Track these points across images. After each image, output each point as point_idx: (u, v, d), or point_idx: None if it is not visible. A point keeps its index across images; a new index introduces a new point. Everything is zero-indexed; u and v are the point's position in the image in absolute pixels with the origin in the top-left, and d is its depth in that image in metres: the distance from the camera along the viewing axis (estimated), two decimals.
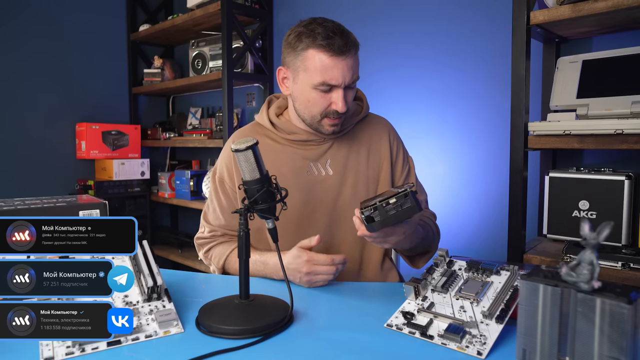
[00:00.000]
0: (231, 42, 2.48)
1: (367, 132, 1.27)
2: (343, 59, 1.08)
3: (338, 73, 1.08)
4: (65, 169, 2.97)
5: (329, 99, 1.12)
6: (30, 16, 2.76)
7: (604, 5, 1.24)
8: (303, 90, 1.13)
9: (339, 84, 1.09)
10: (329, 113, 1.13)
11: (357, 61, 1.13)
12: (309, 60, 1.09)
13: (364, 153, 1.24)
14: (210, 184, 1.28)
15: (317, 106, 1.13)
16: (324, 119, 1.14)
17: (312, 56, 1.09)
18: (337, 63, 1.08)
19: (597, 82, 1.45)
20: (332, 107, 1.12)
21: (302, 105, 1.16)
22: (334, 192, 1.20)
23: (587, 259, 0.60)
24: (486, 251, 1.87)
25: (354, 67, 1.11)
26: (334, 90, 1.11)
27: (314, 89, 1.11)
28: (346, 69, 1.09)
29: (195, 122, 3.10)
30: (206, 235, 1.26)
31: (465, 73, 1.92)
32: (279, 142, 1.23)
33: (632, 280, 1.20)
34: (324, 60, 1.08)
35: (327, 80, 1.08)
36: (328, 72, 1.08)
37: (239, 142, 0.86)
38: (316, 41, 1.07)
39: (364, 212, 0.92)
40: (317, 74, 1.09)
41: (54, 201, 1.10)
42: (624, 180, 1.34)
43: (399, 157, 1.29)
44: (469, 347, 0.74)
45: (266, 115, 1.25)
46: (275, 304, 0.90)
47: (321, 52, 1.08)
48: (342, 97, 1.10)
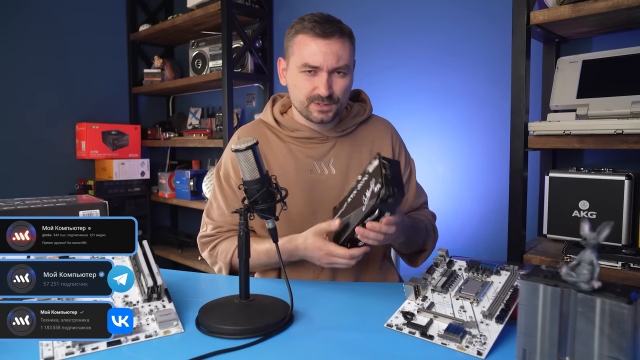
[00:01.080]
0: (231, 42, 2.48)
1: (369, 133, 1.28)
2: (326, 42, 1.11)
3: (320, 55, 1.11)
4: (65, 169, 2.97)
5: (313, 83, 1.14)
6: (30, 16, 2.76)
7: (604, 5, 1.24)
8: (291, 75, 1.17)
9: (320, 65, 1.11)
10: (314, 97, 1.15)
11: (347, 49, 1.14)
12: (296, 45, 1.15)
13: (366, 153, 1.25)
14: (214, 181, 1.27)
15: (302, 90, 1.15)
16: (311, 104, 1.16)
17: (299, 41, 1.14)
18: (320, 45, 1.11)
19: (597, 82, 1.45)
20: (315, 91, 1.14)
21: (291, 92, 1.20)
22: (337, 191, 1.21)
23: (587, 259, 0.60)
24: (486, 251, 1.87)
25: (341, 52, 1.12)
26: (318, 74, 1.13)
27: (300, 72, 1.14)
28: (329, 53, 1.11)
29: (195, 122, 3.10)
30: (210, 232, 1.25)
31: (465, 73, 1.92)
32: (283, 139, 1.24)
33: (632, 280, 1.20)
34: (308, 42, 1.12)
35: (309, 61, 1.11)
36: (311, 54, 1.11)
37: (239, 142, 0.86)
38: (303, 25, 1.13)
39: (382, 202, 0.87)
40: (301, 56, 1.13)
41: (54, 201, 1.10)
42: (624, 180, 1.34)
43: (401, 159, 1.29)
44: (469, 347, 0.74)
45: (270, 113, 1.26)
46: (275, 304, 0.90)
47: (305, 35, 1.12)
48: (325, 80, 1.12)
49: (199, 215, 3.30)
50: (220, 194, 1.25)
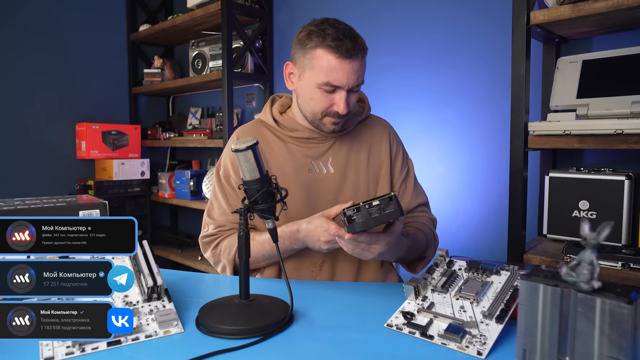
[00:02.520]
0: (231, 42, 2.48)
1: (367, 132, 1.28)
2: (349, 62, 1.09)
3: (343, 75, 1.09)
4: (65, 169, 2.97)
5: (331, 99, 1.13)
6: (29, 15, 2.76)
7: (604, 5, 1.24)
8: (307, 88, 1.15)
9: (342, 86, 1.11)
10: (330, 113, 1.15)
11: (364, 66, 1.14)
12: (316, 59, 1.11)
13: (364, 153, 1.25)
14: (214, 181, 1.27)
15: (319, 105, 1.14)
16: (325, 117, 1.16)
17: (320, 56, 1.10)
18: (344, 66, 1.09)
19: (597, 82, 1.45)
20: (333, 108, 1.14)
21: (305, 102, 1.18)
22: (335, 191, 1.21)
23: (587, 259, 0.60)
24: (486, 251, 1.87)
25: (360, 71, 1.12)
26: (337, 92, 1.12)
27: (318, 88, 1.12)
28: (351, 73, 1.10)
29: (195, 122, 3.10)
30: (212, 232, 1.25)
31: (465, 73, 1.92)
32: (282, 139, 1.24)
33: (632, 280, 1.20)
34: (331, 62, 1.09)
35: (331, 81, 1.10)
36: (333, 74, 1.09)
37: (239, 142, 0.86)
38: (325, 41, 1.09)
39: (346, 213, 0.93)
40: (323, 74, 1.10)
41: (54, 201, 1.10)
42: (624, 180, 1.34)
43: (398, 158, 1.29)
44: (469, 347, 0.74)
45: (269, 113, 1.26)
46: (275, 304, 0.90)
47: (329, 53, 1.09)
48: (344, 99, 1.12)
49: (199, 215, 3.30)
50: (220, 193, 1.25)
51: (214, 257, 1.24)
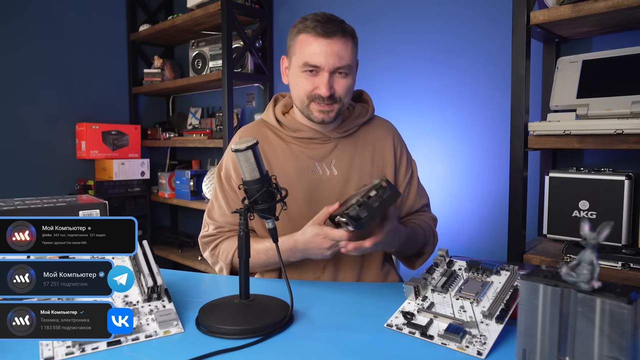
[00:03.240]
0: (231, 42, 2.48)
1: (371, 134, 1.27)
2: (327, 42, 1.10)
3: (321, 54, 1.10)
4: (65, 169, 2.97)
5: (314, 82, 1.13)
6: (30, 15, 2.76)
7: (604, 5, 1.24)
8: (293, 74, 1.17)
9: (321, 65, 1.11)
10: (314, 97, 1.14)
11: (349, 49, 1.13)
12: (297, 44, 1.14)
13: (368, 155, 1.25)
14: (215, 181, 1.27)
15: (302, 88, 1.15)
16: (312, 103, 1.15)
17: (301, 40, 1.14)
18: (321, 45, 1.10)
19: (597, 82, 1.45)
20: (316, 91, 1.13)
21: (293, 91, 1.19)
22: (338, 192, 1.20)
23: (587, 259, 0.60)
24: (486, 251, 1.87)
25: (342, 52, 1.11)
26: (320, 74, 1.12)
27: (301, 71, 1.14)
28: (330, 52, 1.10)
29: (195, 122, 3.10)
30: (211, 232, 1.25)
31: (465, 73, 1.92)
32: (285, 139, 1.23)
33: (632, 280, 1.20)
34: (309, 41, 1.12)
35: (309, 61, 1.11)
36: (311, 54, 1.11)
37: (239, 142, 0.86)
38: (304, 24, 1.13)
39: (349, 213, 0.91)
40: (302, 56, 1.13)
41: (54, 201, 1.10)
42: (624, 180, 1.34)
43: (403, 160, 1.29)
44: (469, 347, 0.74)
45: (272, 113, 1.25)
46: (275, 304, 0.90)
47: (307, 34, 1.12)
48: (326, 80, 1.11)
49: (199, 215, 3.30)
50: (221, 194, 1.25)
51: (212, 258, 1.25)
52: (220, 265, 1.23)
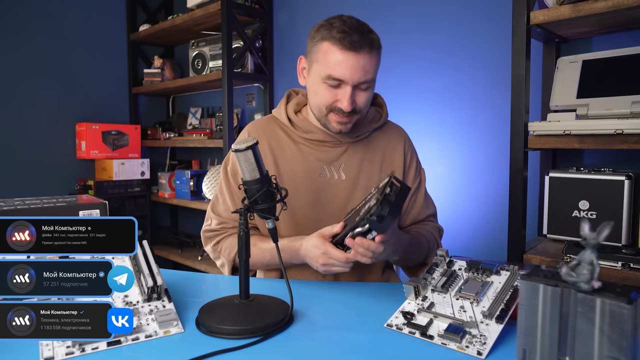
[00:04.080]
0: (231, 42, 2.48)
1: (383, 140, 1.24)
2: (354, 56, 1.05)
3: (346, 69, 1.06)
4: (65, 169, 2.97)
5: (335, 95, 1.09)
6: (30, 14, 2.76)
7: (604, 5, 1.24)
8: (313, 81, 1.12)
9: (346, 80, 1.07)
10: (334, 109, 1.11)
11: (374, 63, 1.10)
12: (321, 53, 1.08)
13: (377, 161, 1.22)
14: (221, 175, 1.26)
15: (323, 99, 1.11)
16: (330, 113, 1.12)
17: (325, 49, 1.07)
18: (347, 59, 1.05)
19: (597, 82, 1.45)
20: (337, 104, 1.10)
21: (311, 97, 1.15)
22: (345, 197, 1.18)
23: (587, 259, 0.60)
24: (486, 251, 1.87)
25: (368, 67, 1.08)
26: (342, 87, 1.08)
27: (323, 82, 1.09)
28: (356, 67, 1.06)
29: (195, 122, 3.10)
30: (214, 227, 1.24)
31: (465, 73, 1.92)
32: (295, 139, 1.21)
33: (632, 280, 1.20)
34: (335, 54, 1.06)
35: (334, 74, 1.06)
36: (336, 67, 1.06)
37: (239, 142, 0.86)
38: (331, 34, 1.06)
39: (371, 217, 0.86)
40: (326, 67, 1.07)
41: (54, 201, 1.10)
42: (624, 180, 1.34)
43: (412, 169, 1.27)
44: (469, 347, 0.74)
45: (284, 111, 1.22)
46: (275, 304, 0.90)
47: (333, 45, 1.06)
48: (348, 95, 1.08)
49: (199, 215, 3.30)
50: (226, 189, 1.23)
51: (214, 253, 1.24)
52: (222, 261, 1.22)
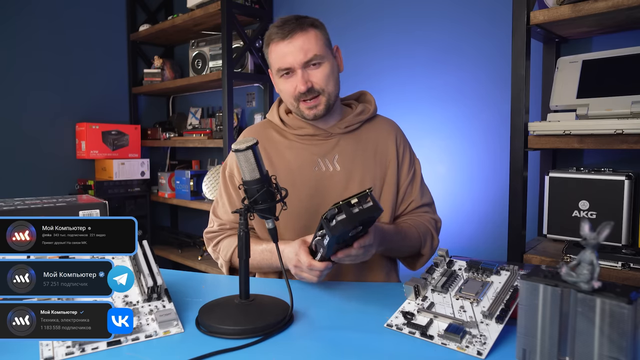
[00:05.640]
0: (231, 42, 2.48)
1: (373, 132, 1.28)
2: (289, 42, 1.14)
3: (287, 55, 1.15)
4: (65, 169, 2.96)
5: (292, 83, 1.17)
6: (30, 13, 2.76)
7: (604, 5, 1.24)
8: (276, 82, 1.23)
9: (291, 65, 1.15)
10: (298, 96, 1.17)
11: (313, 39, 1.15)
12: (269, 55, 1.20)
13: (370, 152, 1.25)
14: (220, 179, 1.31)
15: (287, 93, 1.19)
16: (300, 103, 1.19)
17: (270, 50, 1.19)
18: (284, 47, 1.15)
19: (597, 82, 1.45)
20: (297, 90, 1.16)
21: (282, 96, 1.24)
22: (341, 188, 1.21)
23: (587, 259, 0.60)
24: (486, 251, 1.87)
25: (306, 46, 1.14)
26: (294, 74, 1.16)
27: (279, 77, 1.19)
28: (295, 50, 1.14)
29: (195, 122, 3.10)
30: (215, 229, 1.28)
31: (465, 73, 1.92)
32: (289, 138, 1.25)
33: (632, 280, 1.20)
34: (275, 49, 1.17)
35: (281, 65, 1.16)
36: (279, 59, 1.16)
37: (239, 143, 0.86)
38: (270, 36, 1.18)
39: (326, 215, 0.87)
40: (275, 63, 1.18)
41: (54, 201, 1.10)
42: (624, 180, 1.34)
43: (405, 159, 1.29)
44: (469, 347, 0.74)
45: (276, 113, 1.28)
46: (275, 304, 0.90)
47: (272, 43, 1.17)
48: (300, 77, 1.15)
49: (199, 215, 3.30)
50: (224, 192, 1.28)
51: (214, 254, 1.29)
52: (221, 261, 1.26)
